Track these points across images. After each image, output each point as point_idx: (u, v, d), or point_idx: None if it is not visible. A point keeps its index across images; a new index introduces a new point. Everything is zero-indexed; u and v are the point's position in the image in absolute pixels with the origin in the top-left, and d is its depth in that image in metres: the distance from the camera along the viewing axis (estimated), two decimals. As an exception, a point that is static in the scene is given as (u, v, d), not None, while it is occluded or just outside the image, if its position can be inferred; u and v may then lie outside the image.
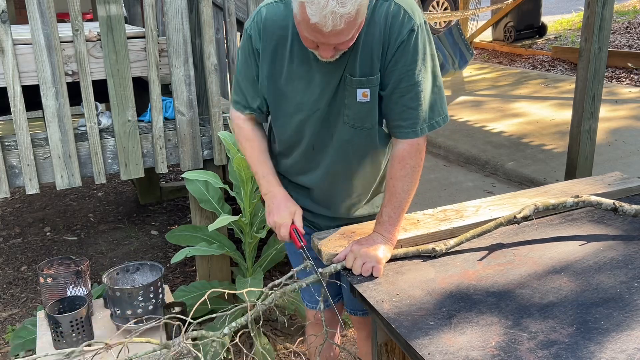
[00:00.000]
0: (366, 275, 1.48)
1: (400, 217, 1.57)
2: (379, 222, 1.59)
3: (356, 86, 1.51)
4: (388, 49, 1.47)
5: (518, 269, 1.48)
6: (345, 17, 1.27)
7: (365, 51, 1.48)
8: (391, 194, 1.57)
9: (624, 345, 1.17)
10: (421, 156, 1.57)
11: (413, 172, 1.56)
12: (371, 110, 1.55)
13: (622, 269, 1.46)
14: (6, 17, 2.31)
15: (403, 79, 1.48)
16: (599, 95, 3.17)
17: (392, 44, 1.46)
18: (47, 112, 2.46)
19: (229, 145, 2.59)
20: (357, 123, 1.57)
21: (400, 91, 1.50)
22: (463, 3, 8.64)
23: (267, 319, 3.07)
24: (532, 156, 4.50)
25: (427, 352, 1.17)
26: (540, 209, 1.62)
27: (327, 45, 1.38)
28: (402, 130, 1.54)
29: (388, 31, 1.45)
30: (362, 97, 1.52)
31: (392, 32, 1.45)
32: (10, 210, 4.70)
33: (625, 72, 6.75)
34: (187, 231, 2.85)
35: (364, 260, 1.49)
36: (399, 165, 1.55)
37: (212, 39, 2.67)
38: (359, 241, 1.55)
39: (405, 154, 1.55)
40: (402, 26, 1.45)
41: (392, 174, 1.57)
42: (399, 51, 1.46)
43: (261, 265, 2.81)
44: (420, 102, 1.51)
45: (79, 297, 2.39)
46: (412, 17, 1.45)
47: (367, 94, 1.52)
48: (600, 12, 2.99)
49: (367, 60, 1.48)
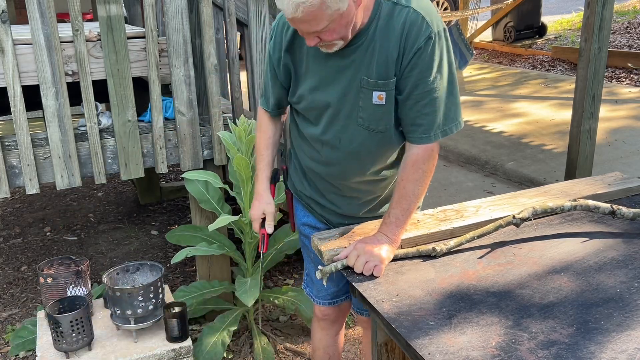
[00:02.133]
0: (367, 274, 1.49)
1: (407, 220, 1.59)
2: (385, 223, 1.59)
3: (372, 88, 1.53)
4: (404, 54, 1.49)
5: (518, 269, 1.48)
6: (302, 6, 1.34)
7: (382, 55, 1.50)
8: (401, 196, 1.58)
9: (624, 346, 1.17)
10: (434, 162, 1.58)
11: (424, 177, 1.58)
12: (386, 113, 1.57)
13: (622, 269, 1.46)
14: (6, 17, 2.31)
15: (419, 86, 1.50)
16: (599, 95, 3.17)
17: (408, 50, 1.48)
18: (47, 112, 2.46)
19: (229, 145, 2.59)
20: (372, 125, 1.58)
21: (415, 97, 1.52)
22: (463, 3, 8.64)
23: (267, 319, 3.08)
24: (532, 156, 4.49)
25: (427, 352, 1.17)
26: (538, 211, 1.63)
27: (306, 33, 1.45)
28: (416, 135, 1.56)
29: (405, 37, 1.47)
30: (378, 100, 1.54)
31: (409, 39, 1.47)
32: (11, 210, 4.70)
33: (625, 72, 6.75)
34: (187, 231, 2.85)
35: (367, 259, 1.49)
36: (412, 169, 1.57)
37: (212, 39, 2.67)
38: (364, 240, 1.56)
39: (418, 158, 1.56)
40: (420, 33, 1.46)
41: (404, 177, 1.58)
42: (415, 58, 1.48)
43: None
44: (435, 109, 1.52)
45: (79, 297, 2.39)
46: (430, 25, 1.47)
47: (382, 97, 1.53)
48: (600, 12, 2.99)
49: (384, 63, 1.50)
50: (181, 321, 2.38)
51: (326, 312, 2.02)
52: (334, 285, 1.95)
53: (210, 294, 2.79)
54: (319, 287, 1.96)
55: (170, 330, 2.38)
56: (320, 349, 2.14)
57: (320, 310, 2.04)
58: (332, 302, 1.98)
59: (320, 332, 2.11)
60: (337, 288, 1.96)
